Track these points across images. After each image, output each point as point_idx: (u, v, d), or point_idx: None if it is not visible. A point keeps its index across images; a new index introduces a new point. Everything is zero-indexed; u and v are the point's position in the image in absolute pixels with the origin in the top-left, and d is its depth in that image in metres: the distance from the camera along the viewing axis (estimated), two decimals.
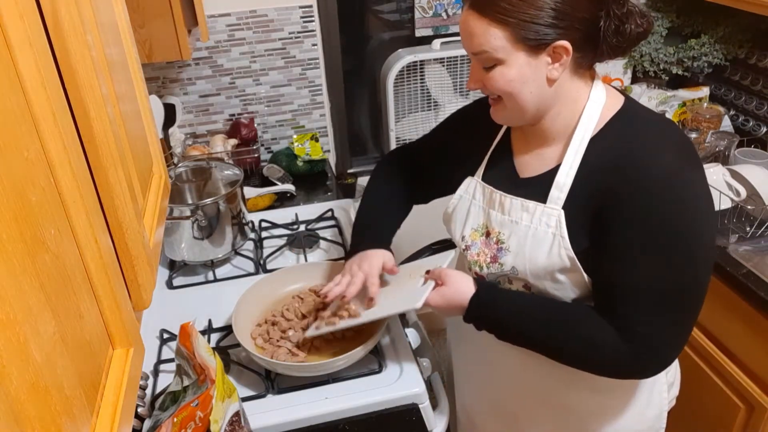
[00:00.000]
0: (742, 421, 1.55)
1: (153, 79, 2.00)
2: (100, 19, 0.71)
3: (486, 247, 1.09)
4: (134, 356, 0.64)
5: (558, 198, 0.99)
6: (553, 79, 0.94)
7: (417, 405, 1.18)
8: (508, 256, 1.04)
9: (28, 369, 0.41)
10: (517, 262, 1.03)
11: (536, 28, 0.89)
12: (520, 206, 1.04)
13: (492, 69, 0.95)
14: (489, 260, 1.07)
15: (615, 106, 0.99)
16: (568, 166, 0.99)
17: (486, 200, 1.10)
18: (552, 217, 0.99)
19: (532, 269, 1.02)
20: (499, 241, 1.06)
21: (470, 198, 1.14)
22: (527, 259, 1.02)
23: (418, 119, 2.26)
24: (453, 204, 1.18)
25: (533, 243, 1.01)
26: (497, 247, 1.06)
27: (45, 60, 0.51)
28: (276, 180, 1.98)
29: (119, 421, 0.56)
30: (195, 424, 0.86)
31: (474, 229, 1.12)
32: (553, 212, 0.99)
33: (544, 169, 1.04)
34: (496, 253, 1.06)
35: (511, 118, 1.03)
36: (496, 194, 1.08)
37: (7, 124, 0.44)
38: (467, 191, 1.15)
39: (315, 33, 2.07)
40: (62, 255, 0.51)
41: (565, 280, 1.01)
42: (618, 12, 0.92)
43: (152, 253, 0.78)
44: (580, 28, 0.91)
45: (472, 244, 1.11)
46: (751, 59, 2.02)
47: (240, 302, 1.31)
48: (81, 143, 0.59)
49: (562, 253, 0.98)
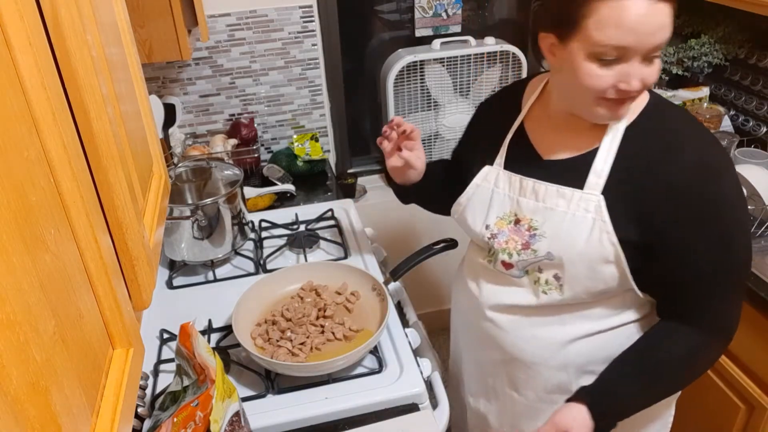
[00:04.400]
0: (742, 421, 1.55)
1: (153, 79, 2.00)
2: (100, 19, 0.71)
3: (515, 234, 1.07)
4: (134, 356, 0.64)
5: (596, 184, 0.99)
6: None
7: (417, 405, 1.18)
8: (543, 241, 1.03)
9: (28, 369, 0.41)
10: (553, 247, 1.02)
11: None
12: (555, 192, 1.03)
13: (653, 61, 0.91)
14: (520, 247, 1.06)
15: (644, 98, 1.00)
16: (605, 152, 0.99)
17: (514, 188, 1.09)
18: (591, 203, 0.99)
19: (569, 254, 1.01)
20: (532, 228, 1.05)
21: (491, 186, 1.12)
22: (565, 244, 1.01)
23: (418, 119, 2.26)
24: (468, 194, 1.16)
25: (571, 227, 1.00)
26: (529, 234, 1.05)
27: (45, 60, 0.51)
28: (276, 180, 1.98)
29: (119, 421, 0.56)
30: (195, 424, 0.86)
31: (500, 217, 1.10)
32: (591, 198, 0.99)
33: (574, 153, 1.03)
34: (528, 239, 1.05)
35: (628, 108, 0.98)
36: (527, 181, 1.07)
37: (7, 124, 0.44)
38: (487, 180, 1.13)
39: (315, 33, 2.07)
40: (62, 255, 0.51)
41: (602, 268, 1.00)
42: None
43: (152, 253, 0.78)
44: None
45: (499, 233, 1.10)
46: (751, 59, 2.02)
47: (240, 302, 1.31)
48: (81, 143, 0.59)
49: (603, 238, 0.98)
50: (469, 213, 1.16)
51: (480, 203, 1.14)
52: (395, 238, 2.07)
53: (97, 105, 0.62)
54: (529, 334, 1.13)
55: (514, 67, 2.25)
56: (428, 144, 2.32)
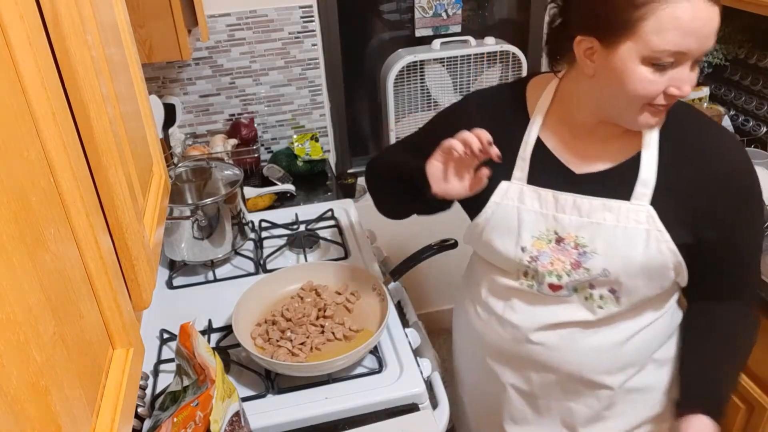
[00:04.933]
0: (742, 421, 1.55)
1: (153, 79, 2.00)
2: (100, 19, 0.71)
3: (561, 254, 1.01)
4: (134, 356, 0.64)
5: (644, 194, 0.96)
6: None
7: (417, 405, 1.18)
8: (596, 259, 0.98)
9: (28, 369, 0.41)
10: (609, 263, 0.98)
11: None
12: (601, 206, 0.98)
13: (695, 66, 0.88)
14: (570, 267, 1.00)
15: None
16: (648, 161, 0.96)
17: (547, 204, 1.02)
18: (641, 214, 0.96)
19: (627, 268, 0.97)
20: (579, 245, 1.00)
21: (515, 204, 1.04)
22: (621, 259, 0.97)
23: (418, 119, 2.26)
24: (486, 215, 1.06)
25: (625, 241, 0.97)
26: (578, 252, 1.00)
27: (45, 60, 0.51)
28: (276, 180, 1.98)
29: (119, 421, 0.56)
30: (195, 424, 0.86)
31: (536, 237, 1.03)
32: (641, 209, 0.96)
33: (608, 164, 1.00)
34: (578, 258, 1.00)
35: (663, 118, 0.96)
36: (565, 197, 1.00)
37: (7, 124, 0.44)
38: (508, 197, 1.04)
39: (315, 33, 2.07)
40: (62, 255, 0.51)
41: (662, 275, 0.99)
42: None
43: (152, 253, 0.78)
44: None
45: (540, 254, 1.02)
46: (751, 59, 2.02)
47: (240, 302, 1.31)
48: (81, 143, 0.59)
49: (662, 248, 0.96)
50: (495, 236, 1.06)
51: (505, 224, 1.05)
52: (395, 238, 2.07)
53: (97, 105, 0.61)
54: (585, 345, 1.07)
55: (514, 67, 2.25)
56: None
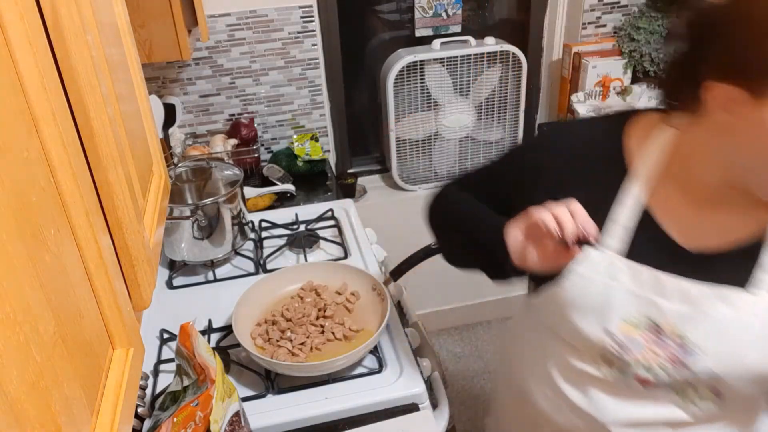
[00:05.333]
0: None
1: (153, 79, 2.00)
2: (100, 19, 0.71)
3: (658, 346, 0.84)
4: (134, 356, 0.64)
5: (766, 282, 0.80)
6: None
7: (417, 405, 1.18)
8: (702, 357, 0.82)
9: (28, 369, 0.41)
10: (719, 365, 0.82)
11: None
12: (714, 295, 0.81)
13: None
14: (668, 364, 0.84)
15: None
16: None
17: (643, 285, 0.84)
18: (758, 306, 0.79)
19: (742, 373, 0.82)
20: (681, 338, 0.83)
21: (603, 279, 0.86)
22: (734, 362, 0.81)
23: (418, 119, 2.26)
24: (570, 285, 0.88)
25: (737, 338, 0.80)
26: (679, 347, 0.83)
27: (45, 60, 0.51)
28: (276, 180, 1.98)
29: (119, 421, 0.56)
30: (195, 424, 0.86)
31: (626, 321, 0.85)
32: (760, 301, 0.79)
33: (730, 241, 0.82)
34: (679, 353, 0.83)
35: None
36: (669, 279, 0.82)
37: (7, 124, 0.43)
38: (596, 270, 0.86)
39: (315, 33, 2.07)
40: (62, 255, 0.51)
41: None
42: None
43: (152, 253, 0.78)
44: None
45: (630, 342, 0.86)
46: None
47: (240, 302, 1.31)
48: (81, 143, 0.59)
49: None
50: (575, 311, 0.89)
51: (589, 301, 0.87)
52: (395, 238, 2.07)
53: (97, 105, 0.61)
54: None
55: (514, 67, 2.25)
56: (428, 144, 2.32)
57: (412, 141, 2.30)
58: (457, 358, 2.57)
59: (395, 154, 2.28)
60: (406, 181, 2.34)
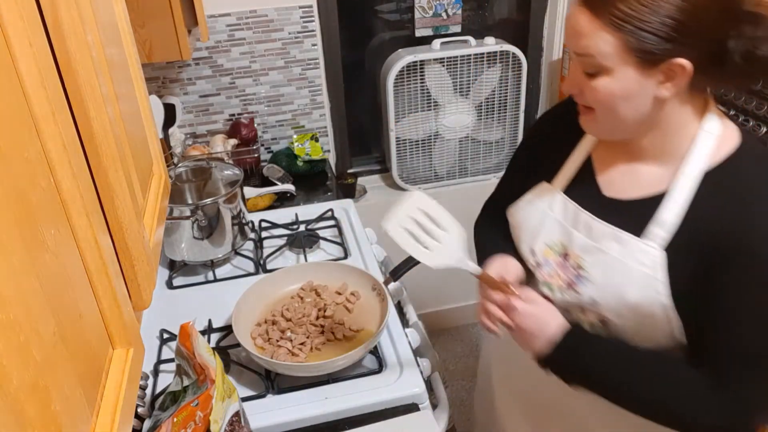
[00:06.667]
0: None
1: (153, 79, 2.00)
2: (100, 19, 0.71)
3: (562, 270, 0.98)
4: (134, 356, 0.64)
5: (659, 236, 0.87)
6: (662, 98, 0.83)
7: (417, 405, 1.18)
8: (589, 286, 0.93)
9: (28, 369, 0.41)
10: (600, 295, 0.92)
11: (654, 40, 0.78)
12: (611, 235, 0.91)
13: (595, 77, 0.84)
14: (564, 285, 0.97)
15: (732, 139, 0.87)
16: (676, 202, 0.86)
17: (568, 217, 0.98)
18: (647, 256, 0.87)
19: (616, 307, 0.91)
20: (580, 267, 0.95)
21: (545, 208, 1.02)
22: (612, 295, 0.91)
23: (418, 119, 2.26)
24: (522, 205, 1.06)
25: (622, 279, 0.89)
26: (576, 274, 0.95)
27: (45, 60, 0.51)
28: (276, 180, 1.98)
29: (119, 421, 0.56)
30: (195, 424, 0.87)
31: (548, 245, 1.00)
32: (650, 251, 0.87)
33: (638, 194, 0.92)
34: (574, 279, 0.95)
35: (602, 131, 0.93)
36: (583, 215, 0.96)
37: (7, 124, 0.44)
38: (542, 198, 1.02)
39: (315, 33, 2.07)
40: (62, 255, 0.51)
41: (651, 328, 0.90)
42: (752, 34, 0.79)
43: (152, 253, 0.78)
44: (703, 47, 0.79)
45: (545, 263, 1.00)
46: None
47: (240, 302, 1.31)
48: (81, 143, 0.59)
49: (656, 299, 0.87)
50: (518, 227, 1.06)
51: (530, 222, 1.04)
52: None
53: (97, 105, 0.62)
54: None
55: (514, 67, 2.25)
56: (428, 144, 2.32)
57: (412, 141, 2.30)
58: (457, 358, 2.57)
59: (395, 154, 2.28)
60: (406, 181, 2.34)
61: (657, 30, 0.78)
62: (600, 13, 0.80)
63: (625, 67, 0.81)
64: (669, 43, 0.78)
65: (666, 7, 0.77)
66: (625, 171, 0.95)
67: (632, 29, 0.78)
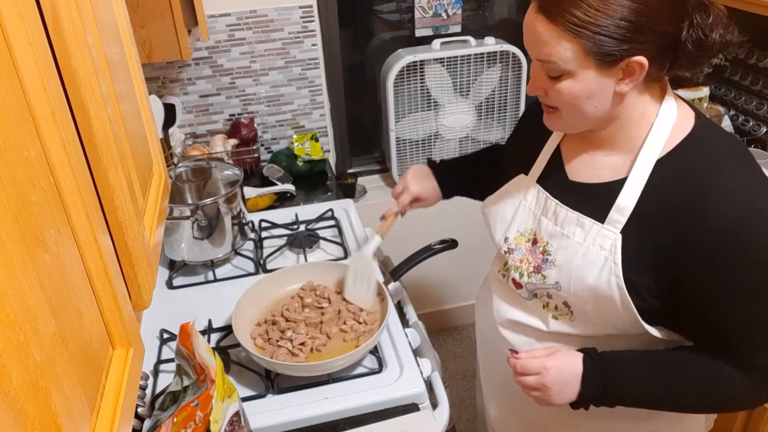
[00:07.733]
0: (742, 421, 1.55)
1: (153, 79, 2.00)
2: (100, 19, 0.71)
3: (530, 254, 1.03)
4: (134, 356, 0.64)
5: (617, 221, 0.92)
6: (622, 94, 0.88)
7: (417, 405, 1.18)
8: (553, 270, 0.98)
9: (28, 369, 0.41)
10: (562, 278, 0.97)
11: (611, 43, 0.81)
12: (575, 221, 0.97)
13: (557, 80, 0.88)
14: (532, 269, 1.02)
15: (686, 125, 0.91)
16: (632, 188, 0.91)
17: (539, 205, 1.04)
18: (607, 240, 0.92)
19: (576, 289, 0.96)
20: (546, 252, 1.00)
21: (521, 198, 1.08)
22: (573, 278, 0.95)
23: (418, 119, 2.26)
24: (496, 197, 1.12)
25: (582, 263, 0.94)
26: (542, 258, 1.01)
27: (45, 60, 0.51)
28: (276, 180, 1.98)
29: (119, 421, 0.56)
30: (195, 424, 0.87)
31: (520, 232, 1.06)
32: (609, 235, 0.92)
33: (600, 179, 0.97)
34: (541, 263, 1.01)
35: (566, 127, 0.97)
36: (551, 202, 1.02)
37: (7, 124, 0.44)
38: (518, 189, 1.09)
39: (315, 33, 2.07)
40: (62, 255, 0.51)
41: (610, 310, 0.94)
42: (702, 22, 0.83)
43: (152, 253, 0.78)
44: (658, 42, 0.83)
45: (516, 249, 1.06)
46: (751, 59, 2.02)
47: (240, 302, 1.31)
48: (81, 143, 0.59)
49: (611, 281, 0.91)
50: (493, 218, 1.12)
51: (505, 211, 1.10)
52: (395, 238, 2.07)
53: (97, 105, 0.62)
54: None
55: (514, 67, 2.25)
56: (428, 144, 2.32)
57: (412, 141, 2.30)
58: (457, 358, 2.57)
59: (395, 154, 2.28)
60: None
61: (613, 33, 0.81)
62: (557, 21, 0.83)
63: (586, 70, 0.85)
64: (625, 43, 0.82)
65: (619, 10, 0.80)
66: (590, 159, 0.99)
67: (589, 34, 0.82)
